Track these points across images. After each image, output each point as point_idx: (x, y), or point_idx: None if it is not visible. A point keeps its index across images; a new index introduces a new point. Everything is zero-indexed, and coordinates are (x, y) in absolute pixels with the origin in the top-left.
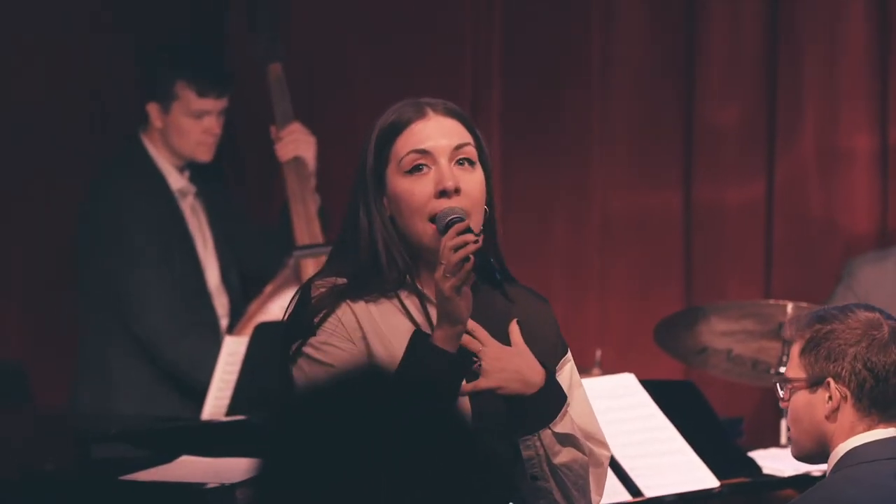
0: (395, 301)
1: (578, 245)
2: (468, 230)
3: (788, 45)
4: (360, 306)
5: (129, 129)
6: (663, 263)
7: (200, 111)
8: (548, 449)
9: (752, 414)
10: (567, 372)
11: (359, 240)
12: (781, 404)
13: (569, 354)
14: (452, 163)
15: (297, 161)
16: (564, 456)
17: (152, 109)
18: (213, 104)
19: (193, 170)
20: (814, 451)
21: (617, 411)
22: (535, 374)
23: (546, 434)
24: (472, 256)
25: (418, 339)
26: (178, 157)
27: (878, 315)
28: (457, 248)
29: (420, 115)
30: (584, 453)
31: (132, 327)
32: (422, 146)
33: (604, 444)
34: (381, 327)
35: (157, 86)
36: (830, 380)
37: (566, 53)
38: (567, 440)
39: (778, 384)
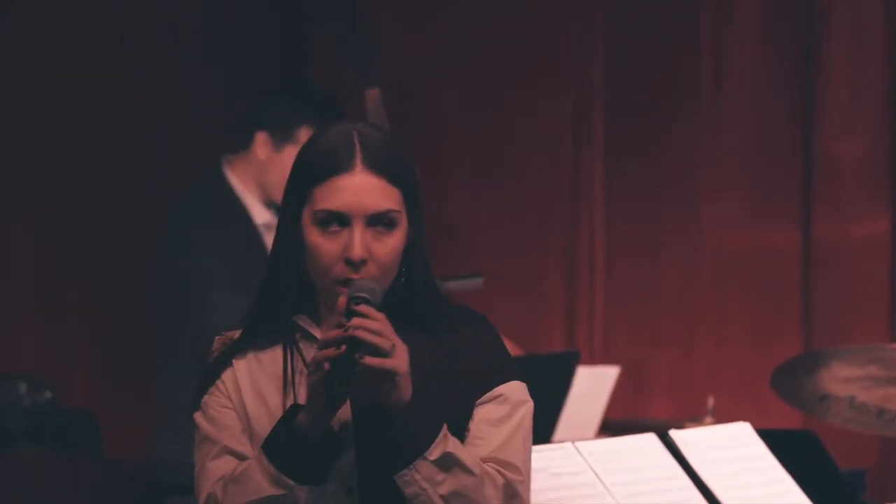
0: (282, 345)
1: (690, 288)
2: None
3: None
4: (245, 361)
5: (207, 160)
6: (781, 305)
7: None
8: (430, 480)
9: (876, 466)
10: (492, 406)
11: (274, 262)
12: None
13: (505, 389)
14: (367, 226)
15: None
16: (450, 484)
17: (260, 139)
18: None
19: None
20: None
21: (732, 462)
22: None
23: (423, 465)
24: (326, 364)
25: (288, 417)
26: (264, 193)
27: None
28: (323, 346)
29: (348, 166)
30: (472, 473)
31: None
32: (340, 209)
33: (517, 470)
34: (261, 381)
35: (276, 120)
36: None
37: (673, 85)
38: (447, 462)
39: None
